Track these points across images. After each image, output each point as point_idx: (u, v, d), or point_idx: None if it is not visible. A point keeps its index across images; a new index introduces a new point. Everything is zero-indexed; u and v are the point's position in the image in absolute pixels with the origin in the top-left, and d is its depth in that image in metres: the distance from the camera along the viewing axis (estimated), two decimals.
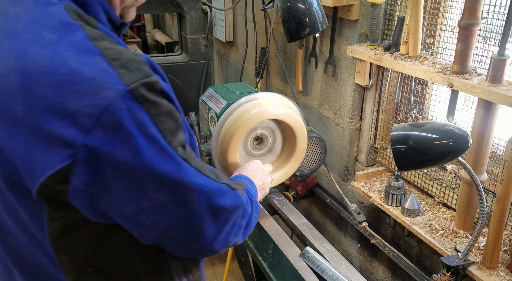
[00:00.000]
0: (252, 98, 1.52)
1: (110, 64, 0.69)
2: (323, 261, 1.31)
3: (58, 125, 0.67)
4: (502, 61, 1.24)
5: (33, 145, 0.68)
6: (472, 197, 1.42)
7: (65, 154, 0.67)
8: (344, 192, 2.02)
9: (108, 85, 0.67)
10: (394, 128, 1.18)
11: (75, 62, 0.68)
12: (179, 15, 3.22)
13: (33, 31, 0.70)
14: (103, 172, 0.70)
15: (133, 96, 0.69)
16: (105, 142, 0.68)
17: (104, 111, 0.67)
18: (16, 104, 0.68)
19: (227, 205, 0.88)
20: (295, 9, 1.62)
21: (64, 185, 0.70)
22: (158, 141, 0.73)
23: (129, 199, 0.75)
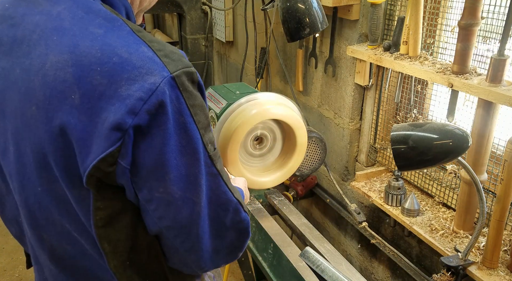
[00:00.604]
0: (252, 98, 1.52)
1: (156, 53, 0.74)
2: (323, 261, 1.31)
3: (110, 109, 0.71)
4: (502, 61, 1.24)
5: (88, 130, 0.72)
6: (472, 197, 1.42)
7: (116, 136, 0.71)
8: (344, 192, 2.02)
9: (155, 72, 0.72)
10: (394, 128, 1.18)
11: (124, 52, 0.72)
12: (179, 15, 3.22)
13: (80, 27, 0.75)
14: (137, 152, 0.74)
15: (175, 83, 0.73)
16: (148, 122, 0.72)
17: (152, 95, 0.71)
18: (73, 93, 0.72)
19: (230, 224, 0.87)
20: (295, 9, 1.62)
21: (113, 166, 0.73)
22: (190, 132, 0.76)
23: (147, 184, 0.77)
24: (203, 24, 3.20)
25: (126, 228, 0.83)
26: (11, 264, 3.05)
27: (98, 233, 0.81)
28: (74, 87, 0.71)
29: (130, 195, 0.79)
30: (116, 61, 0.71)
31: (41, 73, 0.74)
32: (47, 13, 0.78)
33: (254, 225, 1.73)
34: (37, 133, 0.76)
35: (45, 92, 0.74)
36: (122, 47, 0.73)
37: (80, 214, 0.82)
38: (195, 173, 0.78)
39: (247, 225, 0.90)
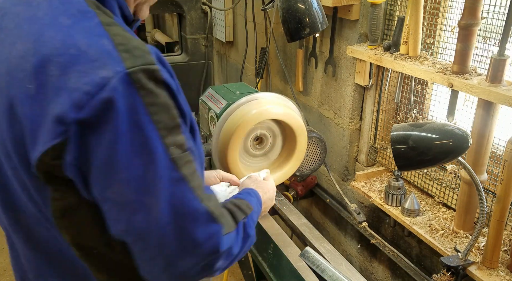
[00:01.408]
0: (252, 98, 1.52)
1: (116, 47, 0.72)
2: (323, 261, 1.31)
3: (57, 101, 0.70)
4: (502, 61, 1.24)
5: (38, 121, 0.71)
6: (472, 197, 1.42)
7: (59, 130, 0.69)
8: (344, 192, 2.02)
9: (108, 66, 0.70)
10: (394, 128, 1.18)
11: (83, 44, 0.71)
12: (179, 15, 3.22)
13: (52, 17, 0.75)
14: (85, 149, 0.71)
15: (131, 79, 0.70)
16: (93, 119, 0.69)
17: (100, 90, 0.68)
18: (29, 83, 0.72)
19: (201, 237, 0.79)
20: (295, 9, 1.62)
21: (58, 160, 0.72)
22: (144, 132, 0.72)
23: (98, 182, 0.74)
24: (203, 24, 3.20)
25: (86, 221, 0.81)
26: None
27: (57, 223, 0.81)
28: (32, 76, 0.71)
29: (83, 192, 0.77)
30: (73, 52, 0.70)
31: (7, 61, 0.76)
32: (28, 4, 0.80)
33: None
34: (1, 120, 0.77)
35: (6, 79, 0.75)
36: (83, 39, 0.72)
37: (40, 203, 0.81)
38: (150, 175, 0.73)
39: (218, 239, 0.81)
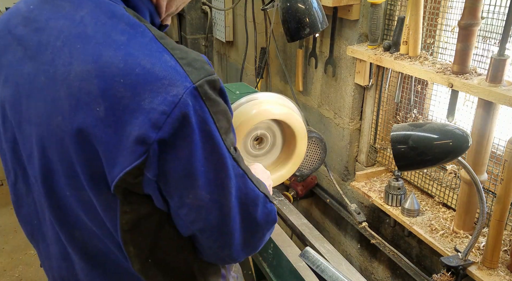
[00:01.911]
0: (252, 98, 1.52)
1: (178, 62, 0.73)
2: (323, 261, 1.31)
3: (135, 123, 0.71)
4: (502, 61, 1.24)
5: (113, 143, 0.72)
6: (472, 197, 1.42)
7: (141, 150, 0.71)
8: (344, 192, 2.02)
9: (177, 83, 0.71)
10: (394, 128, 1.18)
11: (147, 62, 0.72)
12: (179, 15, 3.22)
13: (103, 34, 0.74)
14: (164, 164, 0.74)
15: (198, 93, 0.73)
16: (172, 136, 0.72)
17: (175, 108, 0.71)
18: (98, 105, 0.72)
19: (261, 217, 0.89)
20: (295, 9, 1.62)
21: (139, 178, 0.75)
22: (214, 139, 0.76)
23: (177, 193, 0.78)
24: (203, 24, 3.20)
25: (151, 231, 0.84)
26: (11, 264, 3.05)
27: (124, 236, 0.83)
28: (99, 99, 0.71)
29: (159, 203, 0.80)
30: (139, 72, 0.71)
31: (66, 83, 0.74)
32: (71, 18, 0.78)
33: None
34: (64, 142, 0.77)
35: (70, 102, 0.74)
36: (144, 56, 0.72)
37: (105, 220, 0.83)
38: (222, 177, 0.80)
39: (274, 214, 0.93)
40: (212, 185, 0.79)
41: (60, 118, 0.76)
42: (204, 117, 0.74)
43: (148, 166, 0.73)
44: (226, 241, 0.86)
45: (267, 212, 0.90)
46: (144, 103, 0.70)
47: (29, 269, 2.99)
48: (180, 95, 0.71)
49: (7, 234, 3.34)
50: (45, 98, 0.78)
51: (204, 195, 0.79)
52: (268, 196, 0.91)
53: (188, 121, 0.72)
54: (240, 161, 0.83)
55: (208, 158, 0.76)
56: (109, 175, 0.75)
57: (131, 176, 0.73)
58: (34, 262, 3.04)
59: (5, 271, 3.00)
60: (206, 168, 0.77)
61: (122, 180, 0.74)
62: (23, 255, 3.12)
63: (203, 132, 0.74)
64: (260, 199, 0.88)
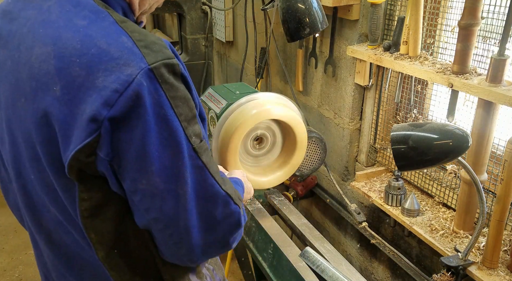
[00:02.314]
0: (252, 98, 1.52)
1: (136, 44, 0.74)
2: (323, 261, 1.31)
3: (88, 101, 0.71)
4: (502, 61, 1.24)
5: (68, 121, 0.73)
6: (472, 197, 1.42)
7: (92, 128, 0.72)
8: (344, 192, 2.02)
9: (132, 63, 0.72)
10: (394, 128, 1.18)
11: (103, 43, 0.73)
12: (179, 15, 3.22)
13: (65, 19, 0.77)
14: (117, 144, 0.74)
15: (154, 75, 0.73)
16: (124, 115, 0.72)
17: (128, 87, 0.71)
18: (55, 84, 0.73)
19: (220, 217, 0.86)
20: (295, 9, 1.62)
21: (91, 157, 0.74)
22: (171, 124, 0.75)
23: (129, 176, 0.77)
24: (203, 24, 3.20)
25: (112, 219, 0.84)
26: (11, 264, 3.05)
27: (84, 223, 0.83)
28: (56, 78, 0.73)
29: (114, 186, 0.80)
30: (95, 52, 0.72)
31: (28, 65, 0.77)
32: (39, 8, 0.81)
33: (254, 225, 1.73)
34: (26, 123, 0.79)
35: (31, 83, 0.76)
36: (102, 37, 0.73)
37: (67, 204, 0.83)
38: (178, 165, 0.78)
39: (238, 217, 0.89)
40: (167, 173, 0.77)
41: (23, 99, 0.78)
42: (159, 100, 0.74)
43: (101, 145, 0.73)
44: (183, 237, 0.83)
45: (228, 212, 0.87)
46: (98, 81, 0.71)
47: (29, 269, 2.99)
48: (134, 74, 0.71)
49: (7, 234, 3.34)
50: (10, 82, 0.80)
51: (158, 182, 0.77)
52: (232, 196, 0.87)
53: (142, 102, 0.72)
54: (201, 153, 0.81)
55: (163, 143, 0.75)
56: (64, 155, 0.76)
57: (83, 154, 0.73)
58: (34, 262, 3.03)
59: (5, 271, 3.00)
60: (160, 154, 0.76)
61: (74, 159, 0.74)
62: (23, 255, 3.12)
63: (158, 115, 0.74)
64: (220, 197, 0.85)
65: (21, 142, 0.82)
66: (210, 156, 0.85)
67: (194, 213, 0.82)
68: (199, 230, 0.84)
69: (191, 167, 0.80)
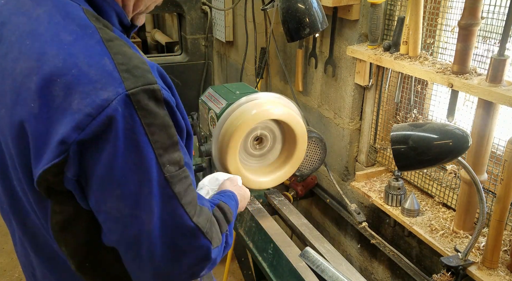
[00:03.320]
0: (252, 98, 1.52)
1: (117, 68, 0.72)
2: (323, 261, 1.31)
3: (62, 122, 0.71)
4: (502, 61, 1.24)
5: (42, 139, 0.73)
6: (472, 197, 1.42)
7: (61, 149, 0.71)
8: (344, 192, 2.02)
9: (110, 88, 0.71)
10: (394, 128, 1.18)
11: (84, 64, 0.72)
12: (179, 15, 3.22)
13: (53, 33, 0.75)
14: (84, 165, 0.74)
15: (130, 101, 0.72)
16: (94, 138, 0.72)
17: (102, 112, 0.70)
18: (33, 102, 0.73)
19: (189, 250, 0.84)
20: (295, 9, 1.62)
21: (59, 176, 0.75)
22: (142, 151, 0.74)
23: (94, 196, 0.77)
24: (203, 24, 3.20)
25: (82, 233, 0.83)
26: (11, 264, 3.05)
27: (56, 236, 0.83)
28: (35, 96, 0.72)
29: (82, 202, 0.79)
30: (75, 73, 0.71)
31: (12, 77, 0.77)
32: (28, 15, 0.80)
33: (254, 225, 1.73)
34: (5, 133, 0.79)
35: (12, 96, 0.76)
36: (84, 58, 0.72)
37: (40, 216, 0.83)
38: (144, 192, 0.76)
39: (206, 252, 0.86)
40: (132, 199, 0.76)
41: (4, 110, 0.78)
42: (133, 126, 0.72)
43: (68, 166, 0.73)
44: (146, 263, 0.82)
45: (196, 245, 0.84)
46: (73, 103, 0.71)
47: None
48: (110, 100, 0.70)
49: (7, 234, 3.34)
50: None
51: (122, 207, 0.77)
52: (202, 230, 0.84)
53: (114, 127, 0.71)
54: (175, 182, 0.79)
55: (131, 168, 0.74)
56: (33, 171, 0.76)
57: (50, 174, 0.74)
58: None
59: (5, 271, 3.00)
60: (127, 179, 0.74)
61: (42, 177, 0.74)
62: None
63: (129, 141, 0.73)
64: (188, 229, 0.82)
65: (4, 150, 0.83)
66: (188, 184, 0.82)
67: (158, 242, 0.80)
68: (163, 258, 0.82)
69: (159, 196, 0.78)
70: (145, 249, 0.80)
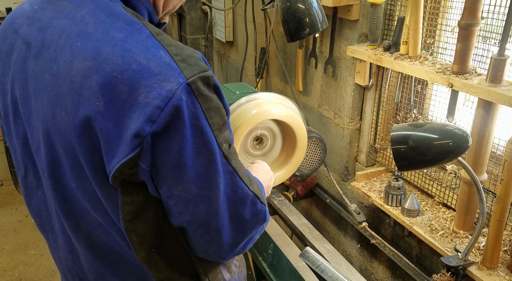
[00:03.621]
0: (252, 98, 1.52)
1: (173, 58, 0.76)
2: (323, 261, 1.31)
3: (132, 117, 0.74)
4: (502, 61, 1.24)
5: (113, 135, 0.76)
6: (472, 197, 1.42)
7: (136, 143, 0.75)
8: (344, 192, 2.02)
9: (171, 79, 0.74)
10: (394, 128, 1.18)
11: (143, 58, 0.75)
12: (179, 15, 3.22)
13: (103, 32, 0.78)
14: (156, 155, 0.78)
15: (191, 89, 0.75)
16: (165, 129, 0.75)
17: (168, 102, 0.73)
18: (98, 100, 0.75)
19: (249, 216, 0.91)
20: (295, 9, 1.62)
21: (134, 168, 0.78)
22: (205, 135, 0.79)
23: (166, 183, 0.81)
24: (203, 24, 3.20)
25: (152, 220, 0.88)
26: (11, 264, 3.05)
27: (126, 226, 0.86)
28: (99, 94, 0.75)
29: (152, 190, 0.83)
30: (135, 68, 0.74)
31: (68, 79, 0.78)
32: (72, 17, 0.81)
33: None
34: (67, 136, 0.81)
35: (73, 98, 0.78)
36: (141, 52, 0.75)
37: (109, 210, 0.86)
38: (211, 172, 0.82)
39: (264, 215, 0.94)
40: (201, 180, 0.81)
41: (64, 113, 0.80)
42: (196, 113, 0.76)
43: (142, 158, 0.76)
44: (214, 237, 0.88)
45: (255, 211, 0.92)
46: (140, 97, 0.73)
47: (29, 269, 2.99)
48: (174, 90, 0.73)
49: (7, 234, 3.34)
50: (49, 94, 0.81)
51: (193, 189, 0.81)
52: (258, 196, 0.92)
53: (181, 115, 0.75)
54: (231, 158, 0.85)
55: (198, 152, 0.78)
56: (108, 167, 0.79)
57: (127, 167, 0.77)
58: (34, 262, 3.04)
59: (5, 271, 3.00)
60: (195, 162, 0.79)
61: (119, 171, 0.77)
62: (23, 255, 3.12)
63: (194, 127, 0.77)
64: (249, 198, 0.90)
65: (61, 153, 0.84)
66: (238, 159, 0.89)
67: (225, 215, 0.87)
68: (230, 230, 0.89)
69: (223, 173, 0.84)
70: (214, 224, 0.86)
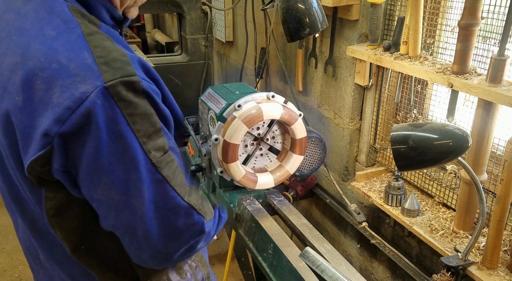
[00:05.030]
0: (252, 98, 1.52)
1: (95, 60, 0.75)
2: (323, 261, 1.31)
3: (44, 115, 0.74)
4: (502, 61, 1.24)
5: (27, 131, 0.76)
6: (472, 197, 1.42)
7: (44, 142, 0.74)
8: (344, 192, 2.02)
9: (88, 81, 0.73)
10: (394, 128, 1.18)
11: (65, 58, 0.74)
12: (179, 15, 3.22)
13: (38, 28, 0.78)
14: (71, 156, 0.77)
15: (109, 93, 0.74)
16: (76, 131, 0.74)
17: (81, 105, 0.72)
18: (18, 95, 0.76)
19: (183, 227, 0.89)
20: (295, 9, 1.62)
21: (46, 166, 0.77)
22: (126, 140, 0.77)
23: (85, 185, 0.80)
24: (203, 24, 3.19)
25: (77, 218, 0.87)
26: (11, 264, 3.05)
27: (50, 221, 0.87)
28: (20, 89, 0.76)
29: (73, 191, 0.83)
30: (55, 67, 0.74)
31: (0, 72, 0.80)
32: (17, 12, 0.82)
33: (254, 225, 1.73)
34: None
35: (0, 90, 0.80)
36: (64, 52, 0.75)
37: (34, 203, 0.87)
38: (133, 179, 0.80)
39: (201, 226, 0.92)
40: (122, 186, 0.80)
41: None
42: (114, 117, 0.75)
43: (54, 157, 0.76)
44: (143, 244, 0.86)
45: (191, 222, 0.89)
46: (54, 97, 0.73)
47: (29, 269, 2.98)
48: (88, 93, 0.73)
49: (7, 234, 3.34)
50: None
51: (113, 194, 0.80)
52: (195, 207, 0.89)
53: (94, 119, 0.73)
54: (162, 166, 0.82)
55: (117, 157, 0.77)
56: (24, 161, 0.79)
57: (37, 164, 0.77)
58: None
59: (5, 271, 3.00)
60: (114, 168, 0.78)
61: (31, 167, 0.78)
62: (23, 255, 3.12)
63: (112, 131, 0.75)
64: (182, 209, 0.87)
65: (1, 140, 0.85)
66: (175, 167, 0.86)
67: (153, 223, 0.84)
68: (161, 238, 0.86)
69: (149, 181, 0.81)
70: (141, 232, 0.84)
